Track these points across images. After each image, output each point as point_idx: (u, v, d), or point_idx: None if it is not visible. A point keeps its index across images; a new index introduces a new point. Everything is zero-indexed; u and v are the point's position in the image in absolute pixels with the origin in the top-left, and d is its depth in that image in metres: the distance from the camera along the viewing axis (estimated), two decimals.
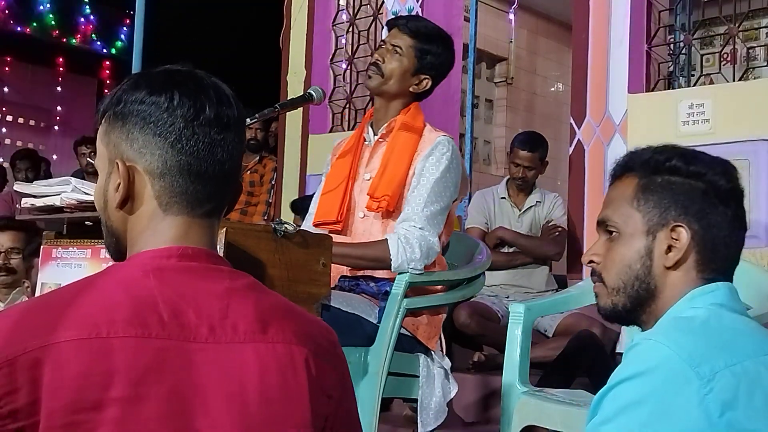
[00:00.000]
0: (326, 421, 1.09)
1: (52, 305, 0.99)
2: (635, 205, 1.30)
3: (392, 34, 2.48)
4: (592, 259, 1.35)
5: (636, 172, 1.32)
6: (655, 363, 1.13)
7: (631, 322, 1.35)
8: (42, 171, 6.17)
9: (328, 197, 2.48)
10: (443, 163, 2.37)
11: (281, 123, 5.36)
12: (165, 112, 1.07)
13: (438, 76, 2.50)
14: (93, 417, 0.93)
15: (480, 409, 3.55)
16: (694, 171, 1.28)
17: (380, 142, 2.48)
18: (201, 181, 1.09)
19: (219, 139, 1.09)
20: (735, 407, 1.11)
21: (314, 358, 1.08)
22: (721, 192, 1.27)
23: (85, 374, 0.94)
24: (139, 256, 1.08)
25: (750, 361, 1.15)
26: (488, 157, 6.96)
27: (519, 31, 6.89)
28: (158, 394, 0.96)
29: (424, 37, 2.45)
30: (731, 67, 4.22)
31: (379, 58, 2.45)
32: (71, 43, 9.47)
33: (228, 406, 1.00)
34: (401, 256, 2.27)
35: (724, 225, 1.27)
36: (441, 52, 2.47)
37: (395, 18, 2.57)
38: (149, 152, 1.08)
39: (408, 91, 2.47)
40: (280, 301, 1.13)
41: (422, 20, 2.59)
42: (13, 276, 3.20)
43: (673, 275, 1.27)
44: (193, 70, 1.14)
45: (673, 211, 1.27)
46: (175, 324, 1.00)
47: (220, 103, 1.10)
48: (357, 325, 2.24)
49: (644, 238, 1.29)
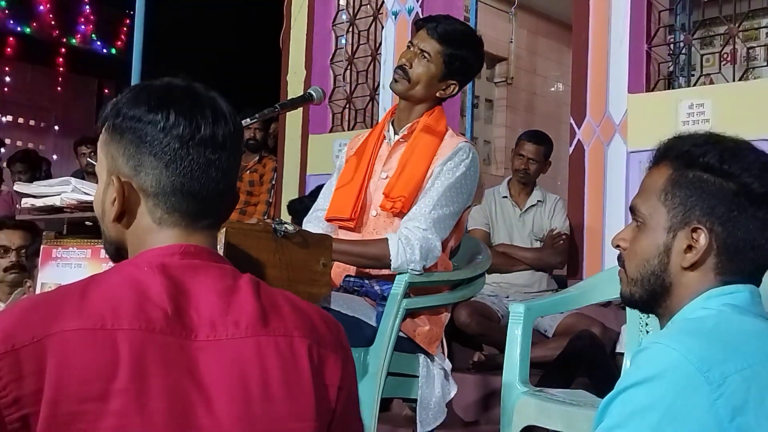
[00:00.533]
0: (334, 414, 1.10)
1: (59, 298, 1.01)
2: (662, 198, 1.27)
3: (421, 37, 2.42)
4: (619, 244, 1.33)
5: (671, 162, 1.28)
6: (665, 367, 1.12)
7: (649, 312, 1.33)
8: (42, 171, 6.17)
9: (342, 192, 2.44)
10: (461, 169, 2.35)
11: (281, 123, 5.36)
12: (161, 132, 1.08)
13: (465, 80, 2.48)
14: (97, 407, 0.94)
15: (480, 409, 3.55)
16: (727, 171, 1.23)
17: (401, 142, 2.46)
18: (195, 200, 1.10)
19: (214, 158, 1.10)
20: (745, 412, 1.10)
21: (318, 348, 1.09)
22: (753, 195, 1.22)
23: (90, 365, 0.95)
24: (145, 254, 1.09)
25: (760, 366, 1.13)
26: (488, 157, 6.95)
27: (519, 31, 6.89)
28: (161, 388, 0.97)
29: (454, 42, 2.39)
30: (731, 67, 4.22)
31: (407, 62, 2.40)
32: (71, 43, 9.46)
33: (230, 401, 1.01)
34: (401, 257, 2.26)
35: (754, 229, 1.22)
36: (469, 56, 2.42)
37: (425, 19, 2.49)
38: (144, 171, 1.09)
39: (434, 96, 2.44)
40: (282, 295, 1.14)
41: (452, 22, 2.49)
42: (23, 274, 3.25)
43: (690, 275, 1.25)
44: (192, 85, 1.14)
45: (698, 210, 1.23)
46: (178, 320, 1.02)
47: (216, 122, 1.11)
48: (356, 328, 2.23)
49: (665, 234, 1.26)
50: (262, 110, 2.31)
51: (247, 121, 2.31)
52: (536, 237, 4.05)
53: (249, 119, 2.32)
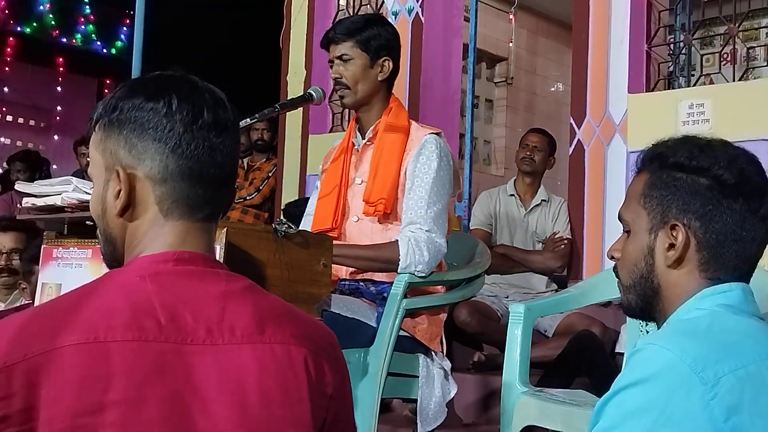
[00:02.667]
0: (324, 422, 1.10)
1: (53, 313, 1.00)
2: (642, 202, 1.30)
3: (332, 50, 2.47)
4: (613, 255, 1.36)
5: (648, 168, 1.32)
6: (659, 368, 1.12)
7: (648, 319, 1.35)
8: (42, 171, 6.17)
9: (323, 203, 2.50)
10: (434, 161, 2.38)
11: (281, 123, 5.37)
12: (164, 117, 1.08)
13: (393, 52, 2.48)
14: (93, 420, 0.94)
15: (480, 409, 3.55)
16: (697, 166, 1.26)
17: (368, 145, 2.49)
18: (201, 185, 1.09)
19: (218, 142, 1.10)
20: (740, 412, 1.10)
21: (313, 358, 1.08)
22: (725, 187, 1.24)
23: (84, 378, 0.94)
24: (137, 262, 1.08)
25: (754, 365, 1.14)
26: (488, 157, 6.95)
27: (519, 31, 6.89)
28: (158, 397, 0.97)
29: (357, 30, 2.44)
30: (731, 67, 4.22)
31: (337, 75, 2.45)
32: (71, 43, 9.46)
33: (228, 407, 1.00)
34: (410, 258, 2.29)
35: (732, 221, 1.24)
36: (380, 31, 2.46)
37: (324, 35, 2.54)
38: (149, 158, 1.08)
39: (377, 81, 2.46)
40: (278, 303, 1.13)
41: (346, 19, 2.59)
42: (14, 277, 3.20)
43: (675, 274, 1.26)
44: (186, 75, 1.14)
45: (675, 208, 1.26)
46: (173, 327, 1.01)
47: (216, 107, 1.11)
48: (356, 330, 2.24)
49: (648, 236, 1.28)
50: (262, 110, 2.32)
51: (248, 121, 2.32)
52: (538, 239, 4.05)
53: (249, 119, 2.32)
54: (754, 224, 1.25)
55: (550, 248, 3.98)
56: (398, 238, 2.32)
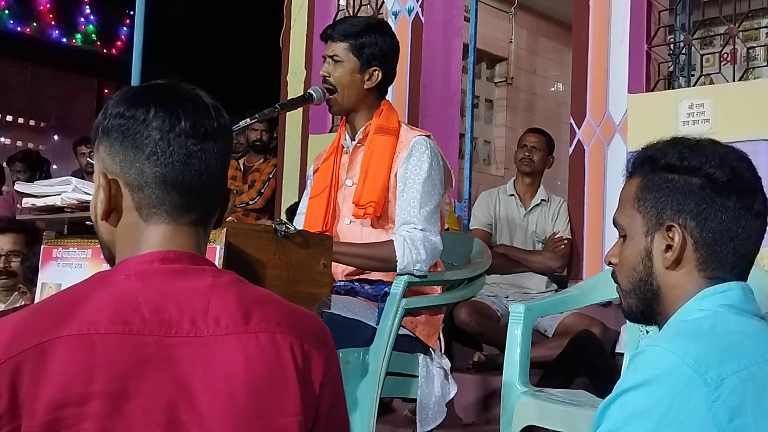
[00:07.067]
0: (318, 410, 1.10)
1: (40, 313, 1.02)
2: (636, 206, 1.30)
3: (328, 46, 2.47)
4: (611, 261, 1.36)
5: (639, 171, 1.32)
6: (662, 370, 1.12)
7: (650, 323, 1.35)
8: (42, 171, 6.17)
9: (314, 205, 2.50)
10: (425, 162, 2.37)
11: (281, 123, 5.37)
12: (141, 124, 1.10)
13: (385, 63, 2.47)
14: (77, 412, 0.95)
15: (480, 409, 3.55)
16: (688, 166, 1.26)
17: (358, 147, 2.48)
18: (178, 191, 1.11)
19: (196, 149, 1.11)
20: (743, 413, 1.10)
21: (300, 345, 1.09)
22: (718, 185, 1.24)
23: (67, 371, 0.96)
24: (123, 263, 1.11)
25: (757, 366, 1.14)
26: (488, 157, 6.95)
27: (519, 31, 6.88)
28: (143, 389, 0.98)
29: (356, 34, 2.43)
30: (731, 67, 4.22)
31: (325, 73, 2.44)
32: (71, 43, 9.46)
33: (214, 398, 1.01)
34: (407, 258, 2.29)
35: (727, 219, 1.24)
36: (376, 40, 2.45)
37: (324, 30, 2.53)
38: (128, 165, 1.11)
39: (364, 90, 2.45)
40: (264, 293, 1.14)
41: (349, 19, 2.56)
42: (13, 279, 3.18)
43: (674, 275, 1.26)
44: (177, 84, 1.16)
45: (669, 210, 1.26)
46: (157, 320, 1.02)
47: (196, 114, 1.12)
48: (356, 330, 2.24)
49: (644, 239, 1.28)
50: (262, 110, 2.33)
51: (247, 121, 2.32)
52: (538, 239, 4.05)
53: (249, 119, 2.33)
54: (749, 220, 1.25)
55: (550, 248, 3.97)
56: (393, 238, 2.32)
